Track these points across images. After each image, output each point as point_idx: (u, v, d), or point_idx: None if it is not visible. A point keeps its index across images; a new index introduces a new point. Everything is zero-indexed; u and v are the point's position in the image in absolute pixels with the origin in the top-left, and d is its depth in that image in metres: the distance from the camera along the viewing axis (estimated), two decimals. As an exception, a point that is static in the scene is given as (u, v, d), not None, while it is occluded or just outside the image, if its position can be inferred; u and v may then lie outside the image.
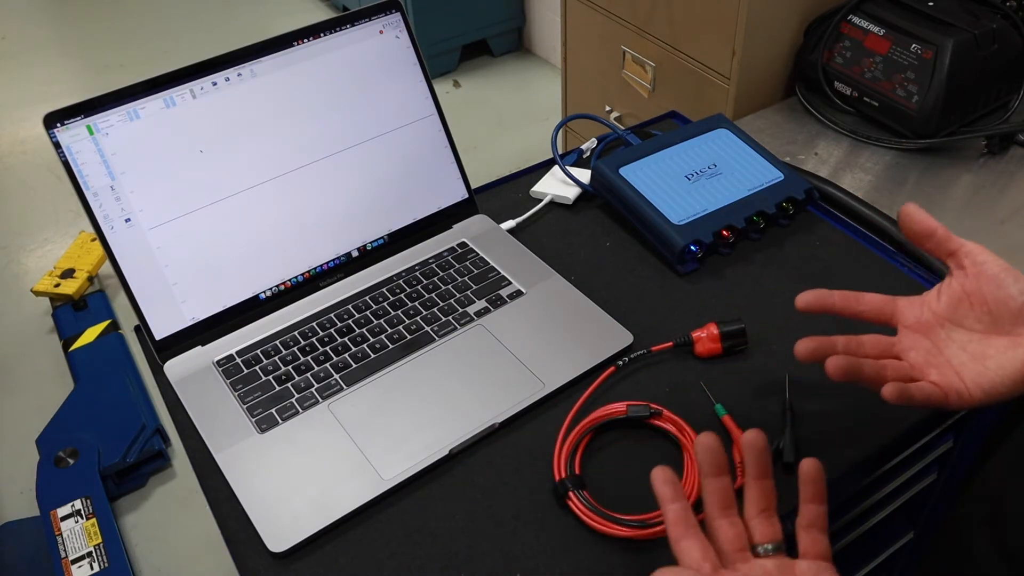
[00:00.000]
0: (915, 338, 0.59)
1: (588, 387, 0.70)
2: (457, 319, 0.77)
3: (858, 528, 0.75)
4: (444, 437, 0.67)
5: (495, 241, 0.85)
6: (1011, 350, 0.55)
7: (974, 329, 0.57)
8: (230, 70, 0.75)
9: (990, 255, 0.56)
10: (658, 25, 1.38)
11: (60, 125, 0.69)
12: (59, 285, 1.91)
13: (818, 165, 1.14)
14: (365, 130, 0.82)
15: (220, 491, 0.65)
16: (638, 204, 0.84)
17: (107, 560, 1.38)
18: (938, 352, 0.58)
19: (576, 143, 1.14)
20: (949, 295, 0.58)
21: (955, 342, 0.57)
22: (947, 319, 0.58)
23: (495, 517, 0.62)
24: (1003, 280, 0.55)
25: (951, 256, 0.58)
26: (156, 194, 0.73)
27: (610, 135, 0.99)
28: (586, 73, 1.65)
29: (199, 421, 0.70)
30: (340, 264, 0.82)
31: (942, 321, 0.58)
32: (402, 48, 0.83)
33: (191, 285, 0.75)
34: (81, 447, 1.54)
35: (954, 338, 0.57)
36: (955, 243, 0.58)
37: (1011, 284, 0.55)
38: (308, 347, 0.75)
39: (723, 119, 0.94)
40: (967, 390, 0.55)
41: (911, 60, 1.10)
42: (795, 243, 0.85)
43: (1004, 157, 1.12)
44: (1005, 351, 0.55)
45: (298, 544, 0.61)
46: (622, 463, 0.65)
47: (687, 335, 0.73)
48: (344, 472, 0.65)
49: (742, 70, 1.25)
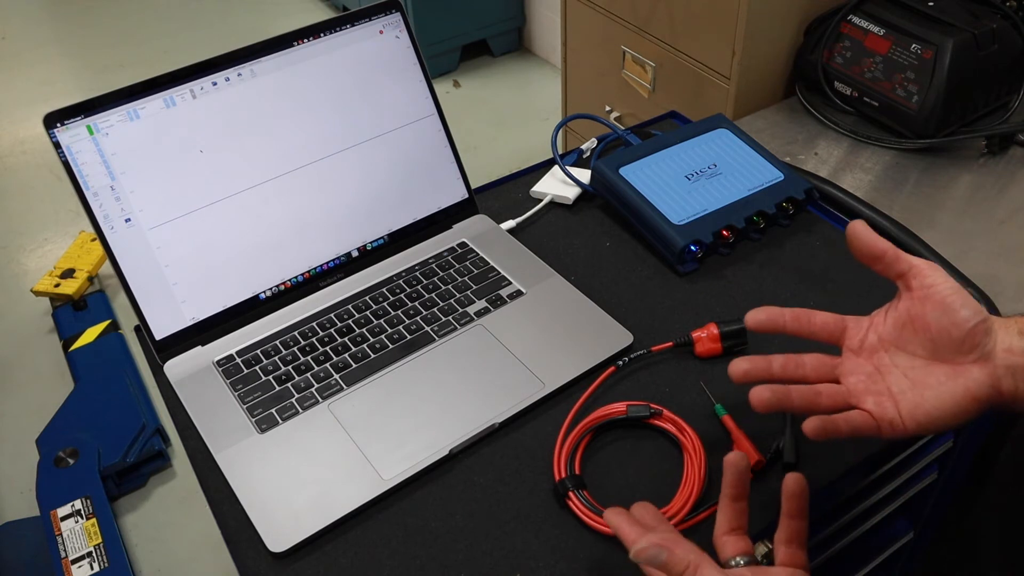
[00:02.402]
0: (857, 362, 0.57)
1: (588, 387, 0.70)
2: (457, 319, 0.77)
3: (858, 528, 0.75)
4: (444, 437, 0.67)
5: (495, 241, 0.85)
6: (950, 380, 0.52)
7: (917, 354, 0.54)
8: (230, 70, 0.75)
9: (941, 276, 0.53)
10: (658, 25, 1.38)
11: (60, 125, 0.69)
12: (59, 285, 1.91)
13: (818, 165, 1.14)
14: (365, 130, 0.82)
15: (220, 491, 0.65)
16: (638, 204, 0.84)
17: (107, 560, 1.38)
18: (879, 377, 0.55)
19: (576, 143, 1.14)
20: (895, 318, 0.55)
21: (898, 367, 0.55)
22: (891, 343, 0.56)
23: (495, 517, 0.62)
24: (951, 304, 0.52)
25: (900, 278, 0.55)
26: (156, 194, 0.73)
27: (610, 135, 0.99)
28: (586, 73, 1.65)
29: (199, 421, 0.70)
30: (340, 264, 0.82)
31: (886, 345, 0.56)
32: (402, 48, 0.83)
33: (191, 285, 0.75)
34: (81, 447, 1.54)
35: (897, 363, 0.55)
36: (904, 264, 0.55)
37: (959, 308, 0.52)
38: (308, 347, 0.75)
39: (723, 119, 0.94)
40: (901, 421, 0.53)
41: (911, 60, 1.10)
42: (795, 243, 0.85)
43: (1004, 157, 1.12)
44: (944, 381, 0.52)
45: (298, 544, 0.61)
46: (622, 463, 0.65)
47: (687, 335, 0.73)
48: (344, 472, 0.65)
49: (742, 70, 1.25)
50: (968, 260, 0.93)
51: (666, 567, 0.49)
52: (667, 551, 0.49)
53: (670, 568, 0.49)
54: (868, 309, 0.68)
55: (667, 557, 0.49)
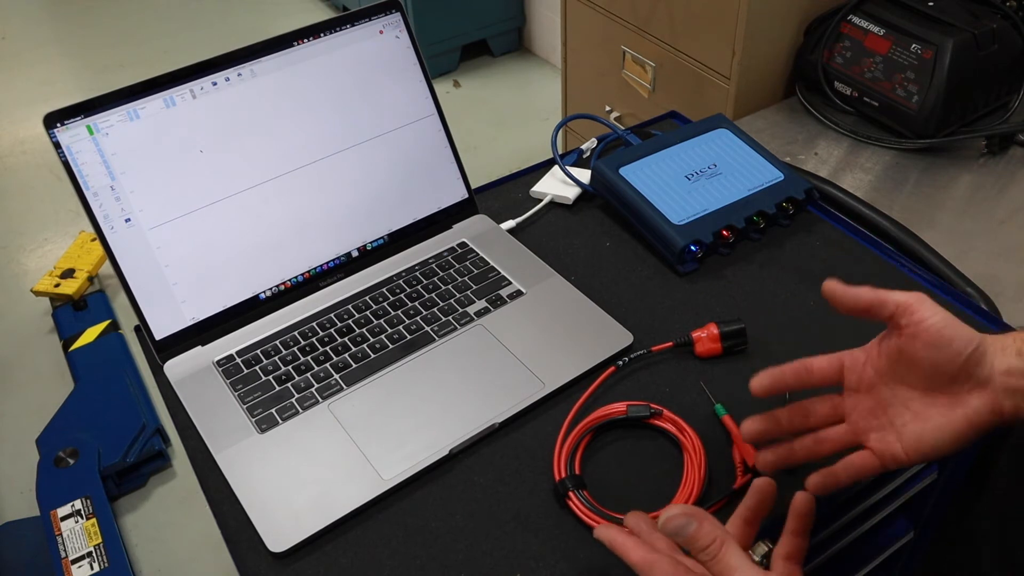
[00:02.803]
0: (858, 398, 0.57)
1: (588, 387, 0.70)
2: (457, 319, 0.77)
3: (858, 528, 0.75)
4: (444, 437, 0.67)
5: (495, 241, 0.85)
6: (950, 411, 0.52)
7: (915, 387, 0.54)
8: (230, 70, 0.75)
9: (928, 309, 0.52)
10: (658, 25, 1.38)
11: (60, 125, 0.69)
12: (59, 285, 1.91)
13: (818, 165, 1.14)
14: (365, 130, 0.82)
15: (220, 491, 0.65)
16: (638, 204, 0.84)
17: (107, 560, 1.38)
18: (880, 412, 0.55)
19: (576, 143, 1.14)
20: (888, 354, 0.55)
21: (897, 398, 0.55)
22: (888, 377, 0.55)
23: (495, 517, 0.62)
24: (941, 339, 0.51)
25: (889, 319, 0.54)
26: (156, 194, 0.73)
27: (610, 135, 0.99)
28: (586, 73, 1.65)
29: (199, 421, 0.70)
30: (340, 264, 0.82)
31: (884, 379, 0.55)
32: (402, 48, 0.83)
33: (191, 285, 0.75)
34: (81, 447, 1.54)
35: (896, 395, 0.55)
36: (890, 306, 0.53)
37: (950, 343, 0.51)
38: (308, 347, 0.75)
39: (723, 119, 0.94)
40: (904, 454, 0.53)
41: (911, 60, 1.10)
42: (795, 243, 0.85)
43: (1004, 157, 1.12)
44: (945, 412, 0.52)
45: (298, 544, 0.61)
46: (622, 463, 0.65)
47: (687, 335, 0.73)
48: (344, 472, 0.65)
49: (742, 70, 1.25)
50: (968, 260, 0.93)
51: (692, 540, 0.49)
52: (696, 523, 0.49)
53: (696, 541, 0.49)
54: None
55: (694, 529, 0.49)
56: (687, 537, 0.49)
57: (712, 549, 0.48)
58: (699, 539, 0.49)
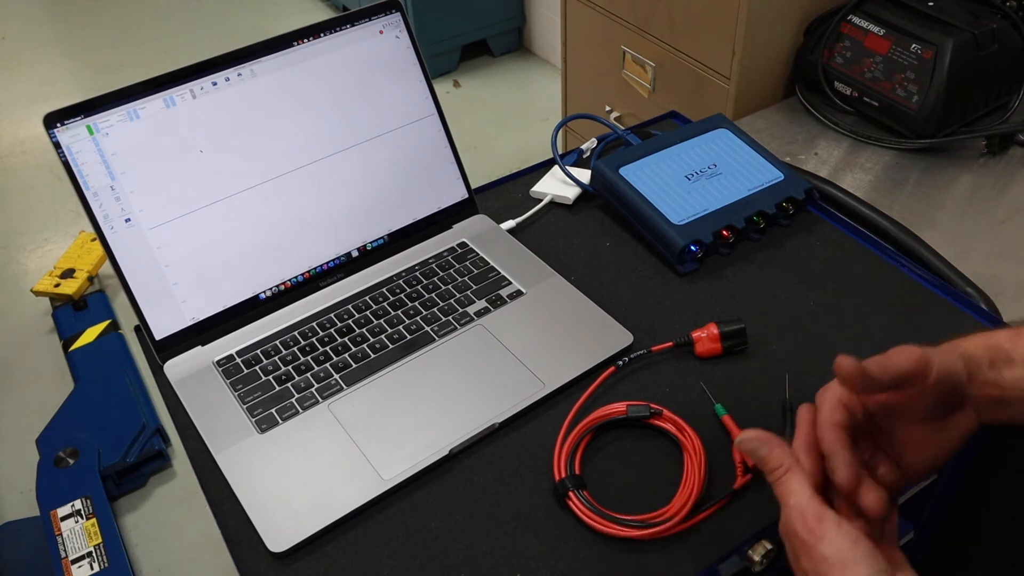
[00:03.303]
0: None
1: (588, 387, 0.70)
2: (457, 319, 0.77)
3: (858, 528, 0.75)
4: (444, 437, 0.67)
5: (495, 241, 0.85)
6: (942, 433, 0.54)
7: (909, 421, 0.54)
8: (230, 70, 0.75)
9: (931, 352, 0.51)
10: (658, 25, 1.38)
11: (60, 125, 0.69)
12: (59, 285, 1.91)
13: (818, 165, 1.14)
14: (365, 130, 0.82)
15: (220, 491, 0.65)
16: (638, 204, 0.84)
17: (107, 560, 1.38)
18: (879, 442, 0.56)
19: (576, 143, 1.14)
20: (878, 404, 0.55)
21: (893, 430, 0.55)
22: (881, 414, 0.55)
23: (495, 517, 0.62)
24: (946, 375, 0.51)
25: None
26: (156, 194, 0.73)
27: (610, 135, 0.99)
28: (586, 73, 1.65)
29: (199, 421, 0.70)
30: (340, 264, 0.82)
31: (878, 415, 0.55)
32: (402, 48, 0.83)
33: (191, 285, 0.75)
34: (81, 447, 1.54)
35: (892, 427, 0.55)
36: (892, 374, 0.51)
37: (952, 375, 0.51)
38: (308, 347, 0.75)
39: (723, 119, 0.94)
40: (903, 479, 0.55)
41: (911, 60, 1.10)
42: (795, 243, 0.85)
43: (1004, 157, 1.12)
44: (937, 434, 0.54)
45: (298, 544, 0.61)
46: (622, 463, 0.65)
47: (687, 335, 0.73)
48: (344, 472, 0.65)
49: (742, 70, 1.25)
50: (968, 260, 0.93)
51: (764, 461, 0.52)
52: (767, 447, 0.51)
53: (766, 463, 0.51)
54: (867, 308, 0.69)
55: (765, 452, 0.51)
56: (759, 459, 0.52)
57: (778, 472, 0.51)
58: (769, 461, 0.51)
